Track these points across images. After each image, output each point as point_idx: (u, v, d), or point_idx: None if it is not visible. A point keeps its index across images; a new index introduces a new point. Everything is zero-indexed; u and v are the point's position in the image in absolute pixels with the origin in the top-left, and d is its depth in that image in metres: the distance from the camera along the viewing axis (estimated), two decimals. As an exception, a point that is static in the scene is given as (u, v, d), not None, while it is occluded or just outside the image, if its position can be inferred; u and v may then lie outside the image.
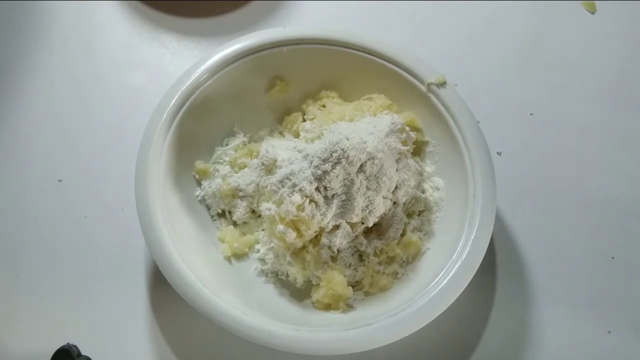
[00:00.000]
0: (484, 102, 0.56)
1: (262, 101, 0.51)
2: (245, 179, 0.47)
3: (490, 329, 0.47)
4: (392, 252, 0.45)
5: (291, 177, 0.42)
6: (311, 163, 0.42)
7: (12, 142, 0.53)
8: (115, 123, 0.54)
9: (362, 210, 0.43)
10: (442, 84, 0.46)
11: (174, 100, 0.45)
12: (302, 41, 0.48)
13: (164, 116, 0.45)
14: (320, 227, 0.43)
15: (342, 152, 0.41)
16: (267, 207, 0.44)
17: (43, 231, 0.49)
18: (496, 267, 0.49)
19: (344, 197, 0.43)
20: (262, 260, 0.46)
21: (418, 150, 0.49)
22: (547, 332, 0.47)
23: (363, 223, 0.44)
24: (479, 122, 0.46)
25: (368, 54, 0.48)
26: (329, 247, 0.44)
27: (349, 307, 0.43)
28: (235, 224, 0.48)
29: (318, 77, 0.50)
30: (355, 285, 0.45)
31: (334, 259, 0.45)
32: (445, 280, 0.40)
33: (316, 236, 0.44)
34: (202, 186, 0.48)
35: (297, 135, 0.50)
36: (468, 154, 0.45)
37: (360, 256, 0.46)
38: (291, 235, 0.42)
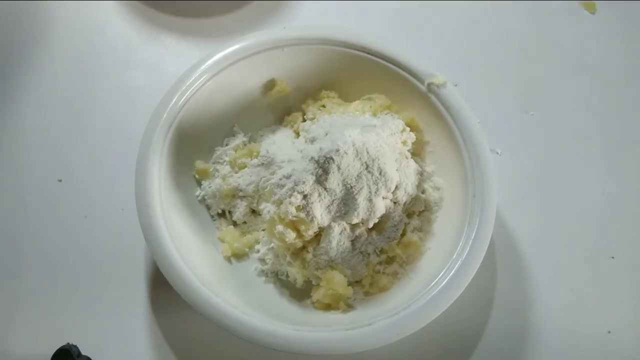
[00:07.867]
0: (484, 102, 0.56)
1: (262, 101, 0.51)
2: (245, 179, 0.47)
3: (490, 329, 0.47)
4: (392, 252, 0.45)
5: (291, 178, 0.42)
6: (311, 163, 0.42)
7: (12, 142, 0.53)
8: (115, 123, 0.54)
9: (362, 210, 0.43)
10: (442, 84, 0.46)
11: (174, 100, 0.45)
12: (302, 41, 0.48)
13: (164, 116, 0.44)
14: (320, 227, 0.43)
15: (342, 152, 0.41)
16: (266, 208, 0.44)
17: (43, 231, 0.49)
18: (496, 267, 0.49)
19: (344, 197, 0.43)
20: (262, 260, 0.46)
21: (418, 150, 0.49)
22: (547, 332, 0.47)
23: (363, 223, 0.44)
24: (479, 122, 0.46)
25: (368, 54, 0.48)
26: (329, 248, 0.44)
27: (349, 307, 0.43)
28: (235, 224, 0.48)
29: (318, 77, 0.50)
30: (355, 285, 0.45)
31: (333, 259, 0.45)
32: (445, 280, 0.40)
33: (316, 236, 0.44)
34: (202, 186, 0.48)
35: (297, 135, 0.50)
36: (468, 154, 0.44)
37: (361, 256, 0.46)
38: (291, 235, 0.42)
